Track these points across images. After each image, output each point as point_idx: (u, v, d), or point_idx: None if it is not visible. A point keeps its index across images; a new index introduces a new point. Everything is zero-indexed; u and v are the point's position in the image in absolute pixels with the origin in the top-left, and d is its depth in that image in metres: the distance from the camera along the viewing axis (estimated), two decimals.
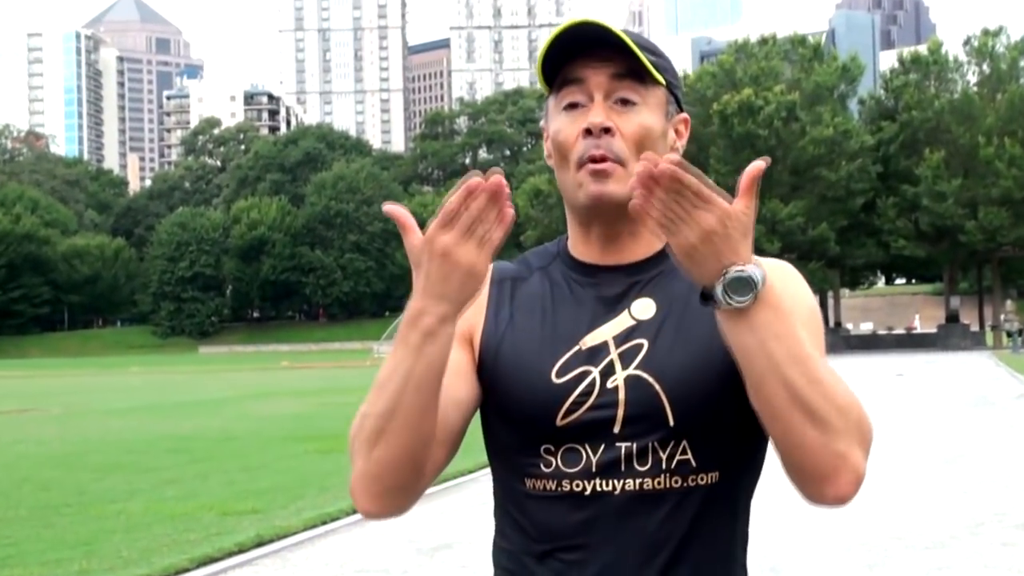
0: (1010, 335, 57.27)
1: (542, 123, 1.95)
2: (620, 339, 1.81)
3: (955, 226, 61.03)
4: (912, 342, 67.28)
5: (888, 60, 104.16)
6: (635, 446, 1.77)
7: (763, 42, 68.39)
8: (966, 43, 66.56)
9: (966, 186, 60.89)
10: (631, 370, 1.78)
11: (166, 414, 26.13)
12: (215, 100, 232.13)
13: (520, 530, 1.84)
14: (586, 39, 1.79)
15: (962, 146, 61.73)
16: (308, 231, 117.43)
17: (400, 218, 1.65)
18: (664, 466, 1.77)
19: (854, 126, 63.86)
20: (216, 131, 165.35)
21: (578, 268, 1.91)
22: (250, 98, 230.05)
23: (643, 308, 1.84)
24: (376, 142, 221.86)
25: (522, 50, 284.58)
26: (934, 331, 67.82)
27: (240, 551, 9.43)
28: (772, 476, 1.97)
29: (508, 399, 1.83)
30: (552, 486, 1.80)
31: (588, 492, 1.77)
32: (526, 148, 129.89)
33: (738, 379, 1.75)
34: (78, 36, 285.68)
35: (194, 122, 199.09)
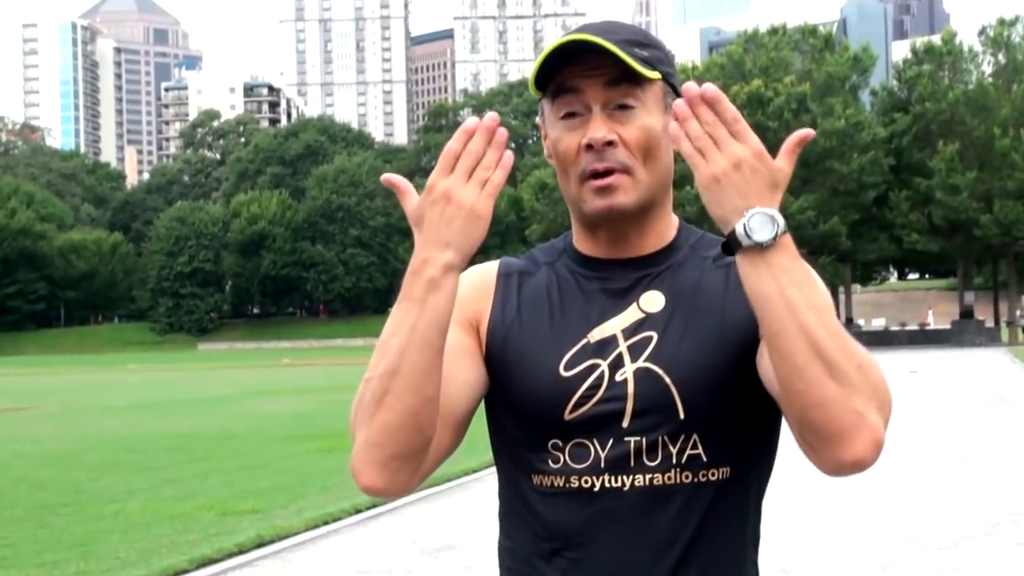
0: None
1: (538, 119, 1.94)
2: (629, 332, 1.82)
3: (970, 220, 60.94)
4: (925, 338, 67.24)
5: (901, 50, 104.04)
6: (644, 440, 1.77)
7: (773, 32, 68.36)
8: (981, 33, 66.47)
9: (981, 179, 60.81)
10: (640, 363, 1.79)
11: (165, 412, 26.17)
12: (214, 92, 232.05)
13: (527, 528, 1.84)
14: (578, 48, 1.78)
15: (977, 138, 61.63)
16: (309, 225, 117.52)
17: (397, 183, 1.70)
18: (674, 461, 1.77)
19: (866, 118, 63.81)
20: (215, 124, 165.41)
21: (585, 263, 1.91)
22: (250, 90, 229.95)
23: (652, 301, 1.84)
24: (378, 135, 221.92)
25: (527, 41, 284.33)
26: (948, 327, 67.81)
27: (240, 552, 9.44)
28: (783, 476, 1.97)
29: (515, 392, 1.83)
30: (560, 482, 1.80)
31: (597, 488, 1.77)
32: (531, 141, 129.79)
33: (749, 373, 1.76)
34: (74, 27, 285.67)
35: (193, 114, 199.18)
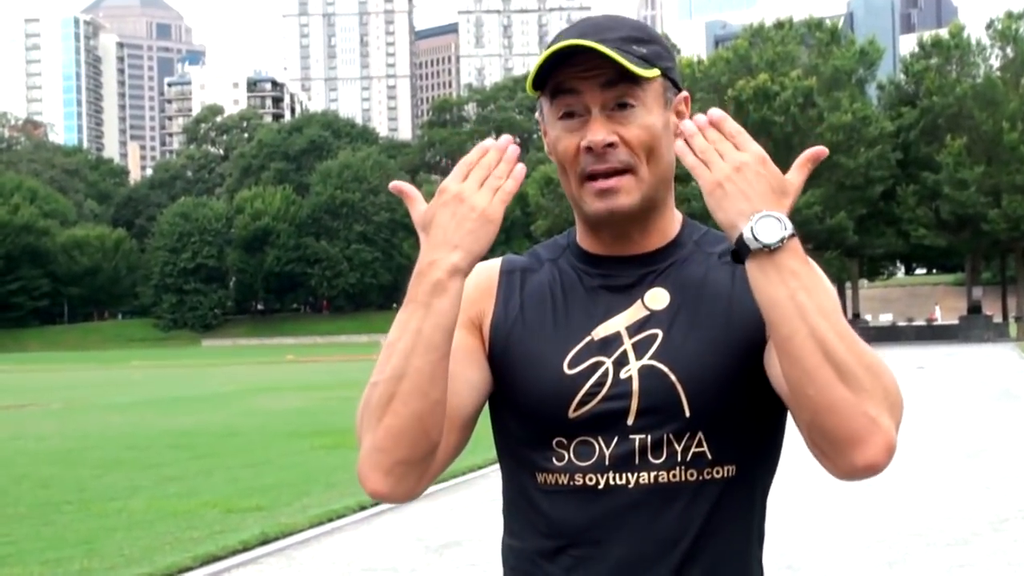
0: None
1: (537, 115, 1.94)
2: (633, 329, 1.82)
3: (977, 214, 60.87)
4: (933, 334, 67.15)
5: (908, 44, 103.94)
6: (649, 438, 1.77)
7: (779, 26, 68.28)
8: (989, 26, 66.35)
9: (989, 173, 60.73)
10: (645, 360, 1.79)
11: (168, 409, 26.19)
12: (217, 87, 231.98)
13: (531, 527, 1.84)
14: (576, 50, 1.78)
15: (985, 132, 61.55)
16: (313, 221, 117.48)
17: (405, 190, 1.74)
18: (679, 459, 1.77)
19: (873, 112, 63.75)
20: (219, 119, 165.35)
21: (588, 259, 1.91)
22: (253, 85, 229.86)
23: (657, 298, 1.84)
24: (383, 130, 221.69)
25: (532, 35, 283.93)
26: (956, 322, 67.74)
27: (244, 549, 9.45)
28: (789, 472, 1.98)
29: (518, 391, 1.84)
30: (564, 480, 1.80)
31: (601, 486, 1.78)
32: (536, 135, 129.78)
33: (755, 370, 1.76)
34: (77, 22, 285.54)
35: (196, 109, 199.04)
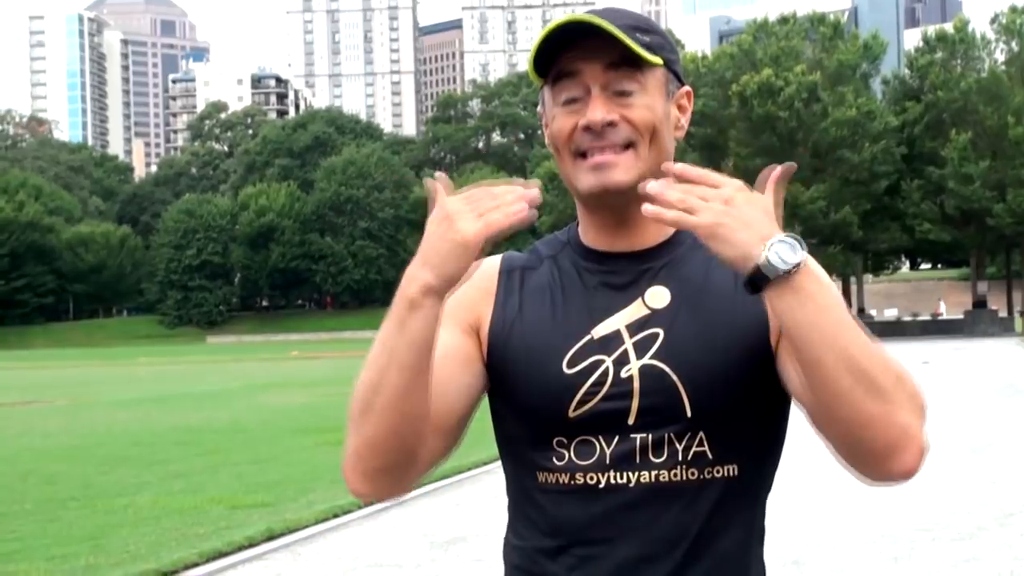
0: None
1: (539, 109, 1.93)
2: (634, 328, 1.81)
3: (982, 209, 60.79)
4: (938, 329, 67.06)
5: (913, 39, 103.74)
6: (650, 437, 1.76)
7: (783, 21, 68.17)
8: (993, 20, 66.25)
9: (994, 168, 60.63)
10: (647, 360, 1.78)
11: (174, 406, 26.21)
12: (222, 83, 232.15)
13: (532, 526, 1.84)
14: (577, 30, 1.77)
15: (990, 127, 61.46)
16: (318, 217, 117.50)
17: (433, 190, 1.67)
18: (680, 458, 1.76)
19: (878, 107, 63.67)
20: (223, 115, 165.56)
21: (588, 256, 1.90)
22: (257, 81, 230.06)
23: (657, 296, 1.83)
24: (387, 126, 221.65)
25: (536, 30, 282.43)
26: (961, 317, 67.64)
27: (250, 545, 9.47)
28: (795, 469, 1.97)
29: (518, 391, 1.83)
30: (565, 479, 1.79)
31: (602, 485, 1.77)
32: (539, 131, 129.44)
33: (756, 369, 1.76)
34: (81, 19, 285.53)
35: (200, 106, 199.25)
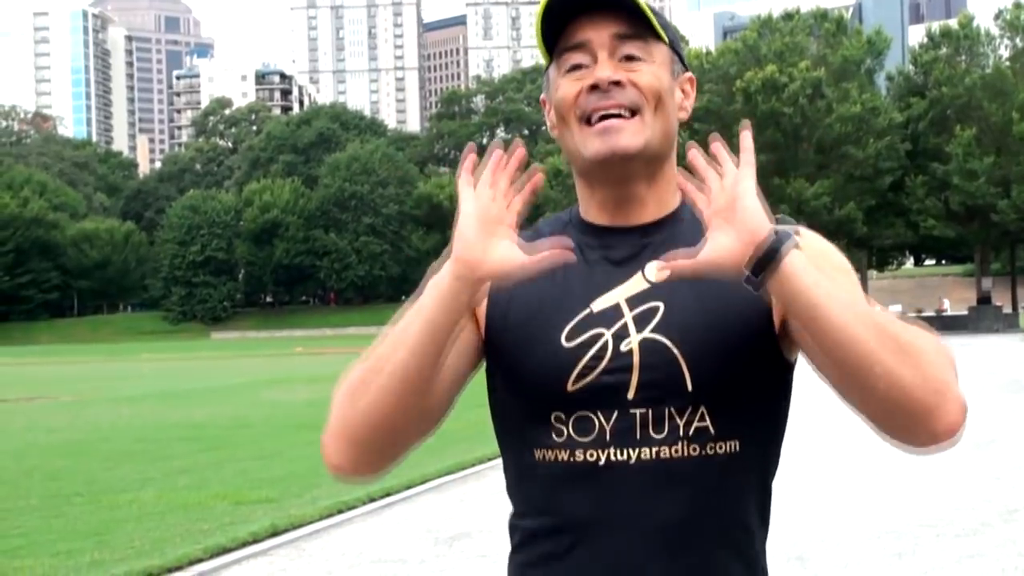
0: None
1: (543, 96, 1.92)
2: (634, 302, 1.79)
3: (987, 205, 60.73)
4: (943, 324, 67.00)
5: (917, 35, 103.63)
6: (651, 413, 1.74)
7: (787, 17, 68.16)
8: (998, 16, 66.18)
9: (998, 164, 60.58)
10: (647, 333, 1.76)
11: (178, 401, 26.24)
12: (226, 80, 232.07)
13: (532, 505, 1.83)
14: (584, 0, 1.77)
15: (994, 123, 61.41)
16: (322, 214, 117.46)
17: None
18: (681, 433, 1.74)
19: (882, 103, 63.64)
20: (227, 111, 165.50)
21: (588, 231, 1.88)
22: (262, 77, 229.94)
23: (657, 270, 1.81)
24: (391, 122, 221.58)
25: None
26: (965, 313, 67.61)
27: (255, 541, 9.47)
28: (799, 464, 1.97)
29: (517, 365, 1.81)
30: (564, 456, 1.77)
31: (602, 462, 1.75)
32: (545, 127, 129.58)
33: (757, 342, 1.74)
34: (85, 15, 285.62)
35: (205, 102, 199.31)
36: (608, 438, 1.75)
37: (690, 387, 1.74)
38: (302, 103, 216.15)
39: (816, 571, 7.91)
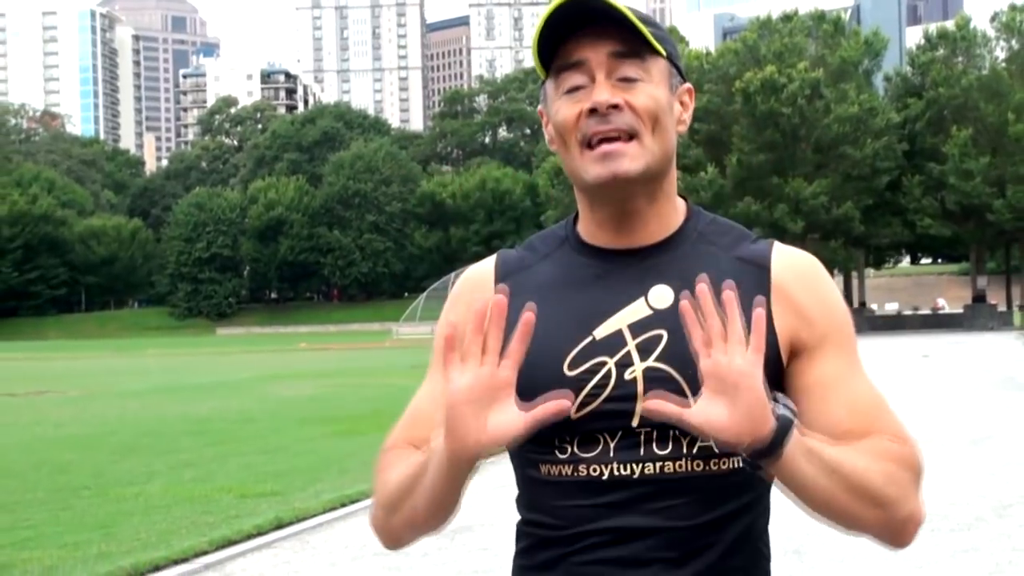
0: None
1: (540, 108, 1.91)
2: (636, 328, 1.76)
3: (982, 204, 60.70)
4: (938, 322, 67.05)
5: (915, 36, 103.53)
6: (655, 432, 1.73)
7: (786, 18, 68.07)
8: (994, 18, 66.12)
9: (994, 164, 60.55)
10: (650, 362, 1.73)
11: (184, 396, 26.23)
12: (232, 79, 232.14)
13: (538, 514, 1.82)
14: (581, 15, 1.75)
15: (990, 123, 61.37)
16: (326, 211, 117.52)
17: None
18: (684, 451, 1.72)
19: (880, 103, 63.57)
20: (233, 110, 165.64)
21: (588, 253, 1.86)
22: (267, 77, 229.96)
23: (660, 296, 1.78)
24: (395, 121, 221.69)
25: None
26: (960, 311, 67.60)
27: (259, 533, 9.47)
28: None
29: (520, 394, 1.75)
30: (569, 471, 1.76)
31: (605, 477, 1.74)
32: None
33: (765, 368, 1.74)
34: (93, 14, 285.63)
35: (211, 101, 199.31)
36: (612, 454, 1.74)
37: None
38: (307, 102, 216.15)
39: (813, 565, 7.91)
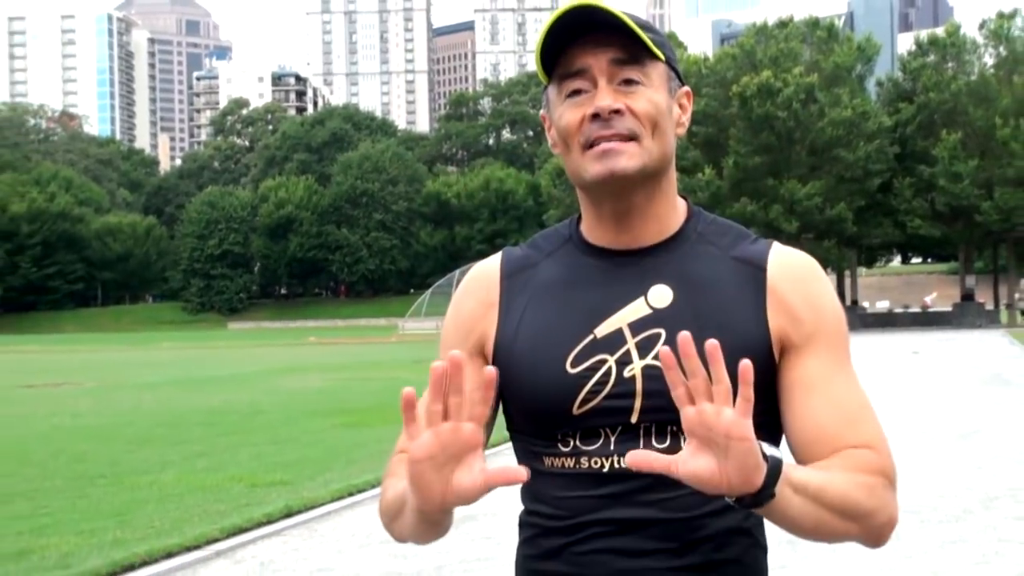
0: None
1: (543, 113, 1.92)
2: (636, 327, 1.78)
3: (971, 206, 60.66)
4: (928, 320, 66.98)
5: (906, 42, 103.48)
6: (654, 427, 1.74)
7: (782, 25, 67.97)
8: (982, 26, 66.03)
9: (982, 167, 60.49)
10: (649, 360, 1.75)
11: (196, 388, 26.25)
12: (244, 81, 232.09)
13: (541, 505, 1.83)
14: (583, 23, 1.76)
15: (978, 127, 61.31)
16: (334, 210, 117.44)
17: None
18: (682, 443, 1.69)
19: (872, 107, 63.48)
20: (244, 112, 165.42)
21: (591, 252, 1.87)
22: (278, 79, 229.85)
23: (659, 296, 1.79)
24: (401, 123, 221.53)
25: None
26: (949, 309, 67.56)
27: (269, 521, 9.49)
28: (787, 454, 1.97)
29: (523, 391, 1.81)
30: (571, 464, 1.78)
31: (606, 469, 1.75)
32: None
33: (757, 368, 1.74)
34: (110, 18, 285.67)
35: (223, 103, 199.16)
36: (612, 447, 1.76)
37: None
38: (316, 104, 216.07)
39: (805, 554, 7.91)
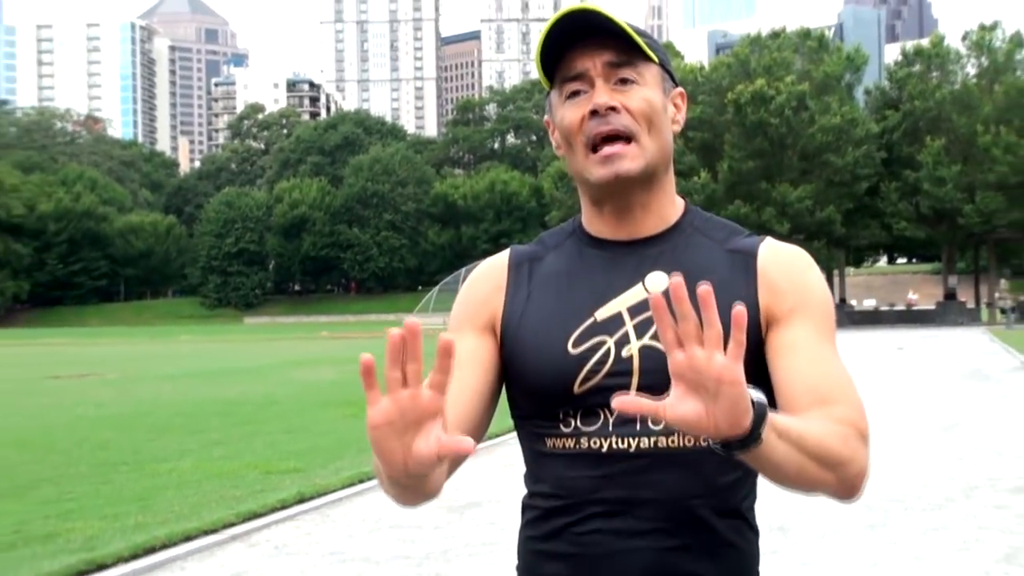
0: (1004, 312, 57.11)
1: (546, 118, 1.93)
2: (634, 311, 1.79)
3: (954, 209, 60.69)
4: (912, 318, 66.93)
5: (893, 53, 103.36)
6: None
7: (775, 35, 67.98)
8: (965, 37, 66.02)
9: (964, 172, 60.52)
10: (646, 340, 1.76)
11: (214, 380, 26.25)
12: (260, 87, 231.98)
13: (543, 485, 1.84)
14: (580, 28, 1.77)
15: (961, 134, 61.33)
16: (346, 210, 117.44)
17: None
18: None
19: (860, 115, 63.46)
20: (260, 116, 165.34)
21: (592, 243, 1.89)
22: (292, 85, 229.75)
23: (656, 281, 1.81)
24: (410, 127, 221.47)
25: None
26: (932, 308, 67.49)
27: (283, 507, 9.50)
28: None
29: (527, 371, 1.82)
30: (571, 444, 1.79)
31: (605, 449, 1.76)
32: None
33: (751, 348, 1.74)
34: (133, 27, 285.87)
35: (240, 108, 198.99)
36: (611, 428, 1.76)
37: None
38: (329, 109, 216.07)
39: (796, 540, 7.92)
